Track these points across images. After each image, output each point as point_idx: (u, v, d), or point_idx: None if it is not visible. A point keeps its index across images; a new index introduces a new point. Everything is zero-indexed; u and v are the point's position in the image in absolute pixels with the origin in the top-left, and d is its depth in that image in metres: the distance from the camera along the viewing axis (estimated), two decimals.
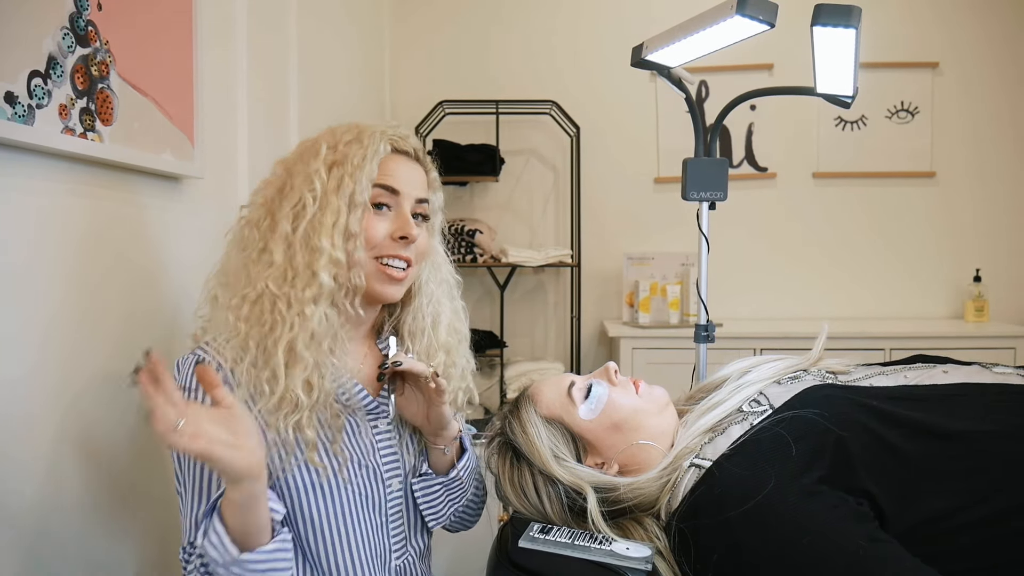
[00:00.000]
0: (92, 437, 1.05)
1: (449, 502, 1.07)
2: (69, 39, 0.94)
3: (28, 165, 0.92)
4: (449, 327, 1.10)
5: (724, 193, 1.51)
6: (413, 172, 1.02)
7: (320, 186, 0.95)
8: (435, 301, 1.09)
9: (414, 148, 1.03)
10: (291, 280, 0.93)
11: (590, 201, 3.07)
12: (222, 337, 0.94)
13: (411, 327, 1.07)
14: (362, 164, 0.96)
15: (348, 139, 0.98)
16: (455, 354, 1.10)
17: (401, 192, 0.99)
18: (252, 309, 0.93)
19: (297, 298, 0.92)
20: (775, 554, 0.84)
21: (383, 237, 0.98)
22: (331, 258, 0.93)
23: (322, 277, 0.92)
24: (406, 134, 1.03)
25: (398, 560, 1.02)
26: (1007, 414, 0.95)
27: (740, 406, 1.05)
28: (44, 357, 0.95)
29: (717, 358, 1.42)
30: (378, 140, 0.98)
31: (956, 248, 3.04)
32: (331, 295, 0.94)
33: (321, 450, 0.95)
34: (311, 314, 0.92)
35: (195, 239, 1.30)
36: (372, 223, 0.97)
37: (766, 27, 1.25)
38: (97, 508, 1.06)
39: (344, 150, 0.97)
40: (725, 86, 2.98)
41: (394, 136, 1.01)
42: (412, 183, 1.01)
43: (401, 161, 1.01)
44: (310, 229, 0.94)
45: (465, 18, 3.14)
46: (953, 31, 2.99)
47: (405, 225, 0.98)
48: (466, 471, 1.08)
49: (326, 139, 0.99)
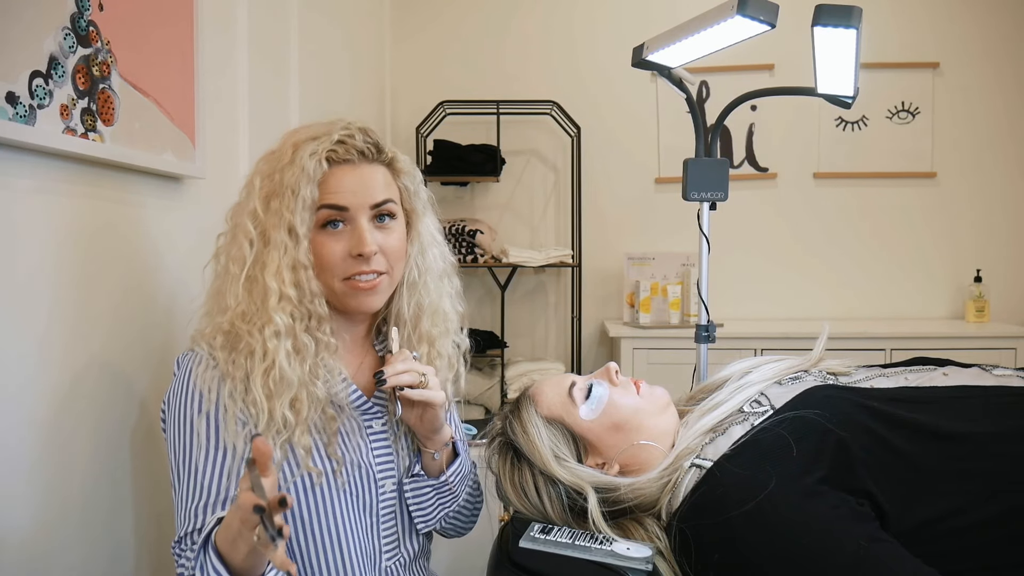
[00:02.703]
0: (92, 435, 1.05)
1: (439, 506, 1.05)
2: (70, 39, 0.94)
3: (29, 165, 0.92)
4: (434, 315, 1.06)
5: (725, 193, 1.51)
6: (364, 177, 0.96)
7: (256, 227, 0.93)
8: (418, 291, 1.05)
9: (361, 149, 0.96)
10: (252, 317, 0.92)
11: (591, 201, 3.07)
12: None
13: (397, 320, 1.05)
14: (297, 191, 0.91)
15: (283, 163, 0.94)
16: (440, 344, 1.07)
17: (349, 206, 0.94)
18: (226, 339, 0.93)
19: (262, 333, 0.91)
20: (776, 554, 0.85)
21: (341, 258, 0.95)
22: (282, 295, 0.92)
23: (276, 318, 0.91)
24: (348, 135, 0.95)
25: (389, 562, 1.02)
26: (1007, 416, 0.95)
27: (741, 406, 1.05)
28: (44, 357, 0.95)
29: (718, 358, 1.42)
30: (311, 160, 0.92)
31: (957, 248, 3.04)
32: (291, 331, 0.92)
33: (315, 454, 0.95)
34: (276, 349, 0.91)
35: (196, 239, 1.30)
36: (326, 245, 0.94)
37: (767, 27, 1.25)
38: (94, 501, 1.06)
39: (279, 177, 0.93)
40: (726, 86, 2.97)
41: (331, 147, 0.94)
42: (362, 191, 0.95)
43: (346, 172, 0.95)
44: (256, 269, 0.93)
45: (466, 19, 3.14)
46: (953, 31, 2.99)
47: (359, 243, 0.94)
48: (456, 476, 1.06)
49: (262, 168, 0.97)
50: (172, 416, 0.92)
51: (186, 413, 0.91)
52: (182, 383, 0.93)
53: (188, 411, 0.91)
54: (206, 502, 0.89)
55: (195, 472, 0.89)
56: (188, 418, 0.91)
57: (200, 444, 0.90)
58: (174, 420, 0.92)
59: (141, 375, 1.16)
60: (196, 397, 0.91)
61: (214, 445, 0.90)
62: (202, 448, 0.90)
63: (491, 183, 3.06)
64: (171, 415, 0.93)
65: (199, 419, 0.90)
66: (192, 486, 0.89)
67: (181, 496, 0.90)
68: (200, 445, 0.90)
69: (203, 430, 0.90)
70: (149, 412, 1.18)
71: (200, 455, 0.90)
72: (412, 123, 3.04)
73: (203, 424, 0.90)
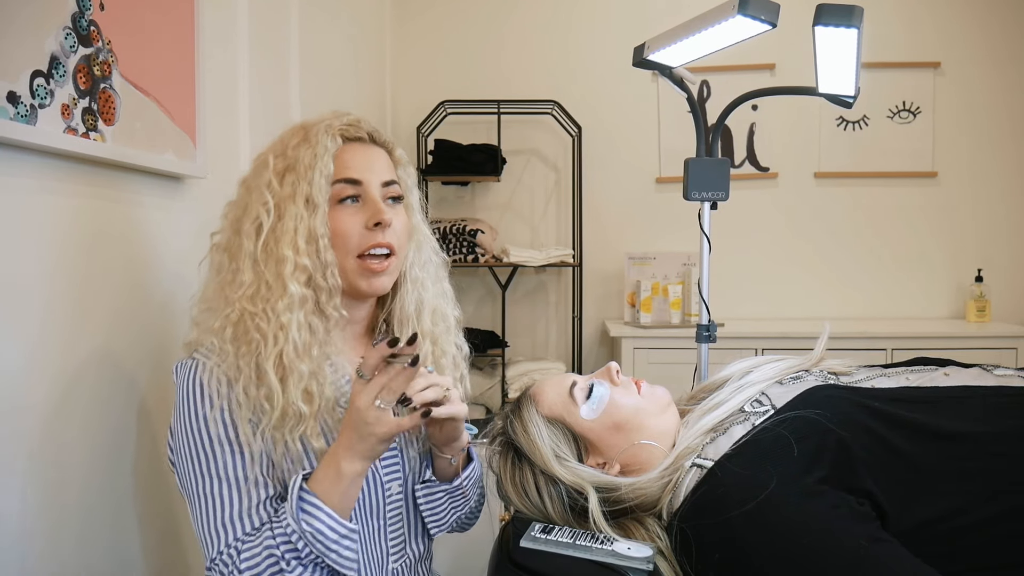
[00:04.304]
0: (90, 431, 1.05)
1: (452, 509, 1.05)
2: (71, 39, 0.94)
3: (30, 165, 0.92)
4: (434, 313, 1.06)
5: (726, 193, 1.51)
6: (373, 156, 0.99)
7: (273, 196, 0.94)
8: (419, 286, 1.05)
9: (368, 132, 1.00)
10: (264, 295, 0.92)
11: (591, 201, 3.07)
12: (216, 357, 0.92)
13: (399, 317, 1.04)
14: (313, 163, 0.93)
15: (295, 142, 0.96)
16: (443, 342, 1.06)
17: (364, 180, 0.96)
18: (236, 330, 0.92)
19: (274, 311, 0.91)
20: (776, 554, 0.85)
21: (358, 231, 0.95)
22: (297, 265, 0.92)
23: (291, 287, 0.91)
24: (356, 120, 1.00)
25: (395, 563, 1.02)
26: (1008, 416, 0.95)
27: (742, 406, 1.05)
28: (43, 356, 0.95)
29: (719, 358, 1.42)
30: (325, 135, 0.95)
31: (958, 248, 3.03)
32: (305, 301, 0.92)
33: None
34: (289, 323, 0.90)
35: (196, 238, 1.30)
36: (342, 219, 0.95)
37: (768, 27, 1.25)
38: (92, 499, 1.06)
39: (293, 154, 0.95)
40: (727, 86, 2.97)
41: (343, 126, 0.98)
42: (373, 168, 0.98)
43: (357, 149, 0.98)
44: (271, 241, 0.93)
45: (467, 18, 3.14)
46: (954, 31, 2.99)
47: (376, 211, 0.95)
48: (470, 480, 1.06)
49: (273, 148, 0.98)
50: (184, 428, 0.90)
51: (198, 422, 0.89)
52: (190, 393, 0.90)
53: (200, 418, 0.89)
54: (239, 510, 0.87)
55: (221, 480, 0.88)
56: (201, 424, 0.89)
57: (219, 451, 0.88)
58: (187, 431, 0.89)
59: (141, 374, 1.16)
60: (207, 403, 0.89)
61: (235, 450, 0.89)
62: (222, 454, 0.88)
63: (492, 183, 3.06)
64: (182, 428, 0.90)
65: (214, 425, 0.88)
66: (219, 496, 0.87)
67: (208, 511, 0.88)
68: (219, 452, 0.88)
69: (220, 433, 0.88)
70: (149, 411, 1.18)
71: (221, 463, 0.88)
72: (413, 123, 3.04)
73: (219, 428, 0.88)
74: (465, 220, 2.90)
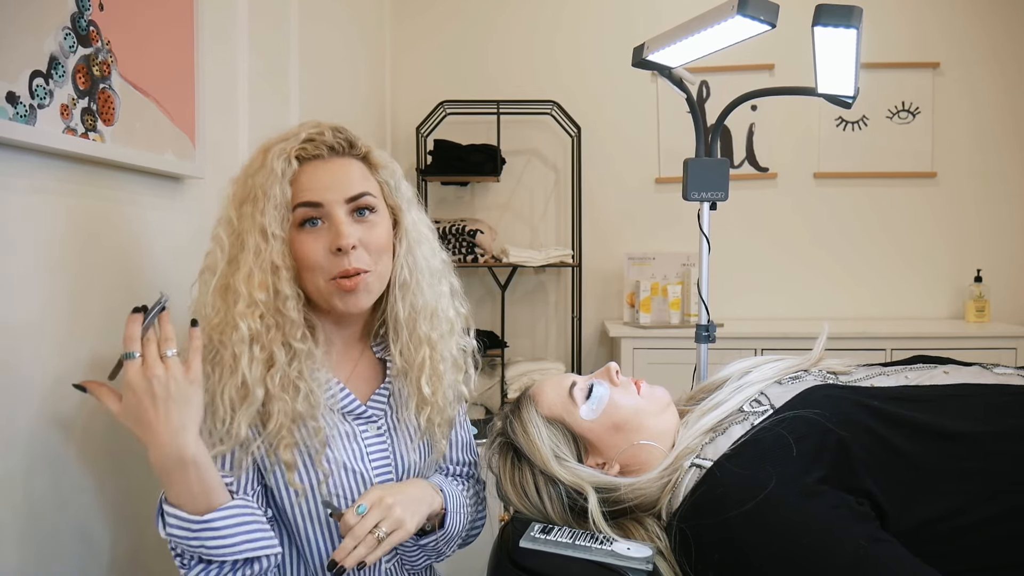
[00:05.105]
0: (85, 432, 1.05)
1: (424, 558, 1.04)
2: (71, 39, 0.94)
3: (29, 165, 0.92)
4: (432, 318, 1.02)
5: (725, 193, 1.52)
6: (335, 172, 0.95)
7: (229, 232, 0.93)
8: (410, 290, 1.01)
9: (331, 144, 0.96)
10: (222, 327, 0.92)
11: (591, 201, 3.07)
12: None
13: (392, 325, 1.02)
14: (267, 193, 0.91)
15: (254, 168, 0.94)
16: (442, 346, 1.03)
17: (324, 202, 0.93)
18: (206, 354, 0.92)
19: (231, 342, 0.91)
20: (776, 554, 0.84)
21: (324, 256, 0.93)
22: (250, 300, 0.90)
23: (241, 325, 0.90)
24: (317, 133, 0.95)
25: (387, 563, 1.02)
26: (1008, 415, 0.95)
27: (741, 406, 1.05)
28: (43, 356, 0.95)
29: (718, 358, 1.42)
30: (279, 160, 0.92)
31: (957, 248, 3.04)
32: (259, 337, 0.91)
33: (301, 468, 0.95)
34: (240, 356, 0.90)
35: (195, 239, 1.30)
36: (307, 244, 0.93)
37: (767, 27, 1.25)
38: (90, 498, 1.06)
39: (251, 183, 0.93)
40: (726, 86, 2.98)
41: (299, 147, 0.94)
42: (336, 186, 0.94)
43: (318, 168, 0.95)
44: (229, 273, 0.92)
45: (466, 18, 3.14)
46: (954, 31, 2.99)
47: (336, 236, 0.92)
48: (442, 541, 1.02)
49: (237, 177, 0.97)
50: None
51: None
52: None
53: None
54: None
55: None
56: None
57: None
58: None
59: None
60: None
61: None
62: None
63: (491, 183, 3.06)
64: None
65: None
66: None
67: None
68: None
69: None
70: None
71: None
72: (412, 123, 3.04)
73: None
74: (464, 220, 2.91)
